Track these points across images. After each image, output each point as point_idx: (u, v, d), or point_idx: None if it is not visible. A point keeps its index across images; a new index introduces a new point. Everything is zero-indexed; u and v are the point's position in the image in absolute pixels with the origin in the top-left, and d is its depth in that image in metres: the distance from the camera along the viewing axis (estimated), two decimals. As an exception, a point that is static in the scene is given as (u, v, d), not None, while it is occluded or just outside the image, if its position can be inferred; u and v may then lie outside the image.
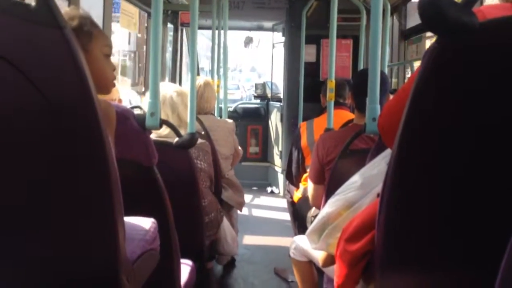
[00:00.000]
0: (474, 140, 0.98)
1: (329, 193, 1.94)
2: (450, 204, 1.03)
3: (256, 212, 5.19)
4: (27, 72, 0.99)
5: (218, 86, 4.53)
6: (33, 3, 0.96)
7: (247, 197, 4.00)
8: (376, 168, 1.50)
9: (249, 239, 4.21)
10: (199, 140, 2.39)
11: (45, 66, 1.00)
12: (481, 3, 2.73)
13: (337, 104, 3.16)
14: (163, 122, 1.92)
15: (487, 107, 0.95)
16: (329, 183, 2.23)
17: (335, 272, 1.34)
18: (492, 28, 0.95)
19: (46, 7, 0.96)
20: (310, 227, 1.58)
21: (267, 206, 5.46)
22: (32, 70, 0.99)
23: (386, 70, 3.52)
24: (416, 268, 1.13)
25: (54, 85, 1.01)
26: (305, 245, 2.06)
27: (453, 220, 1.04)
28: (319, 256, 1.78)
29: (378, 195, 1.40)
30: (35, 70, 0.99)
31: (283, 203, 5.18)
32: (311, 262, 2.15)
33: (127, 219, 1.26)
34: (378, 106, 1.84)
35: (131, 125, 1.63)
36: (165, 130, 2.34)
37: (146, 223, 1.43)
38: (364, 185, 1.48)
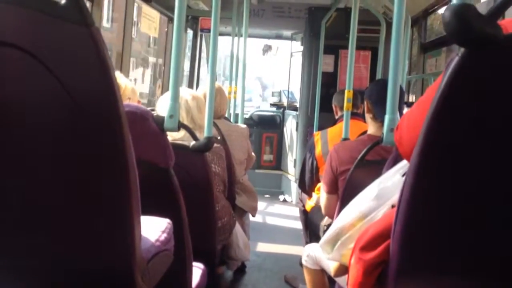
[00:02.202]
0: (495, 155, 0.97)
1: (343, 203, 1.93)
2: (468, 216, 1.03)
3: (268, 220, 5.19)
4: (53, 69, 1.00)
5: (235, 92, 4.55)
6: (62, 1, 0.98)
7: (260, 205, 4.01)
8: (391, 180, 1.49)
9: (260, 246, 4.20)
10: (214, 145, 2.40)
11: (71, 64, 1.01)
12: (503, 17, 2.71)
13: (352, 114, 3.16)
14: (181, 125, 1.94)
15: (510, 122, 0.95)
16: (344, 193, 2.23)
17: (349, 280, 1.33)
18: None
19: (75, 4, 0.98)
20: (324, 238, 1.57)
21: (279, 214, 5.45)
22: (58, 67, 1.01)
23: (404, 83, 3.51)
24: (431, 279, 1.12)
25: (80, 83, 1.02)
26: (318, 253, 2.05)
27: (470, 232, 1.04)
28: (331, 265, 1.77)
29: (392, 206, 1.39)
30: (61, 67, 1.01)
31: (295, 211, 5.17)
32: (323, 271, 2.14)
33: (143, 218, 1.27)
34: (398, 117, 1.84)
35: (150, 126, 1.64)
36: (179, 134, 2.35)
37: (162, 223, 1.44)
38: (379, 196, 1.47)
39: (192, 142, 2.16)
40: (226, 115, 3.72)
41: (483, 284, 1.09)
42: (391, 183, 1.48)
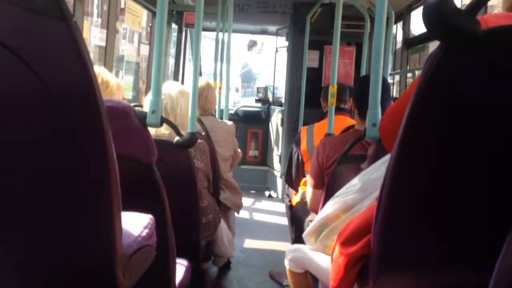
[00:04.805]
0: (473, 145, 0.98)
1: (327, 198, 1.94)
2: (447, 209, 1.04)
3: (254, 216, 5.19)
4: (29, 62, 0.98)
5: (220, 88, 4.54)
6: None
7: (245, 201, 4.01)
8: (376, 172, 1.51)
9: (245, 242, 4.21)
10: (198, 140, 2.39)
11: (48, 57, 1.00)
12: (485, 11, 2.74)
13: (338, 110, 3.16)
14: (163, 121, 1.93)
15: (487, 113, 0.96)
16: (328, 187, 2.24)
17: (331, 275, 1.34)
18: (494, 36, 0.95)
19: None
20: (308, 228, 1.58)
21: (264, 210, 5.46)
22: (36, 62, 0.99)
23: (388, 78, 3.53)
24: (411, 273, 1.13)
25: (57, 76, 1.01)
26: (301, 255, 2.05)
27: (450, 225, 1.05)
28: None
29: (377, 199, 1.40)
30: (38, 60, 0.99)
31: (281, 207, 5.18)
32: (306, 273, 2.14)
33: (125, 214, 1.26)
34: (379, 112, 1.84)
35: (132, 122, 1.63)
36: (165, 131, 2.34)
37: (144, 219, 1.44)
38: (363, 188, 1.48)
39: (176, 138, 2.16)
40: None
41: (464, 277, 1.10)
42: (376, 175, 1.49)
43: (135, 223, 1.39)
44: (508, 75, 0.93)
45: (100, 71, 2.34)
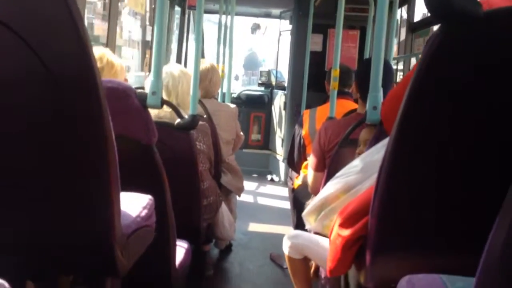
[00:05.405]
0: (473, 125, 0.98)
1: (328, 181, 1.94)
2: (445, 190, 1.04)
3: (256, 199, 5.21)
4: (27, 39, 0.98)
5: (222, 71, 4.52)
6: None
7: (247, 184, 4.01)
8: (377, 154, 1.50)
9: (247, 225, 4.23)
10: (199, 122, 2.39)
11: (46, 34, 1.00)
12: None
13: (341, 93, 3.15)
14: (164, 102, 1.93)
15: (486, 94, 0.95)
16: (329, 170, 2.24)
17: (328, 256, 1.35)
18: (496, 18, 0.94)
19: None
20: (307, 208, 1.59)
21: (266, 193, 5.47)
22: (33, 37, 0.99)
23: (392, 63, 3.50)
24: (408, 255, 1.14)
25: (55, 53, 1.01)
26: (301, 242, 2.05)
27: (447, 207, 1.05)
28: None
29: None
30: (36, 37, 0.99)
31: (283, 191, 5.19)
32: (305, 259, 2.15)
33: (124, 194, 1.27)
34: (380, 95, 1.83)
35: (133, 103, 1.63)
36: (166, 112, 2.33)
37: (142, 199, 1.44)
38: (364, 169, 1.48)
39: (178, 120, 2.16)
40: None
41: (461, 259, 1.10)
42: (377, 157, 1.49)
43: (134, 204, 1.40)
44: (507, 57, 0.92)
45: (104, 52, 2.32)
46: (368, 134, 1.88)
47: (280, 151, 6.06)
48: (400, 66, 4.94)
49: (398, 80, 4.66)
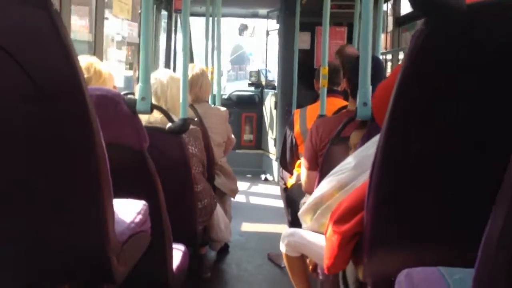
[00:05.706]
0: (460, 117, 0.99)
1: (321, 179, 1.94)
2: (439, 182, 1.04)
3: (250, 199, 5.21)
4: (13, 53, 0.98)
5: (212, 73, 4.51)
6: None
7: (241, 185, 4.01)
8: (370, 150, 1.51)
9: (243, 226, 4.22)
10: (190, 126, 2.39)
11: (32, 47, 0.99)
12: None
13: (330, 92, 3.15)
14: (154, 107, 1.93)
15: (472, 87, 0.96)
16: (321, 169, 2.24)
17: (325, 253, 1.35)
18: (478, 11, 0.95)
19: None
20: (303, 207, 1.59)
21: (261, 193, 5.47)
22: (18, 51, 0.98)
23: (380, 57, 3.51)
24: (404, 249, 1.14)
25: (41, 67, 1.00)
26: (298, 240, 2.06)
27: (442, 199, 1.05)
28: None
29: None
30: (21, 51, 0.99)
31: (277, 190, 5.19)
32: (302, 256, 2.15)
33: (118, 201, 1.27)
34: (370, 91, 1.84)
35: (122, 109, 1.63)
36: (157, 117, 2.33)
37: (137, 205, 1.44)
38: (358, 166, 1.49)
39: (169, 124, 2.15)
40: None
41: (457, 252, 1.11)
42: (370, 153, 1.49)
43: (128, 210, 1.40)
44: (491, 49, 0.93)
45: (92, 61, 2.31)
46: (358, 138, 1.88)
47: (273, 151, 6.06)
48: (390, 62, 4.96)
49: (387, 75, 4.68)
